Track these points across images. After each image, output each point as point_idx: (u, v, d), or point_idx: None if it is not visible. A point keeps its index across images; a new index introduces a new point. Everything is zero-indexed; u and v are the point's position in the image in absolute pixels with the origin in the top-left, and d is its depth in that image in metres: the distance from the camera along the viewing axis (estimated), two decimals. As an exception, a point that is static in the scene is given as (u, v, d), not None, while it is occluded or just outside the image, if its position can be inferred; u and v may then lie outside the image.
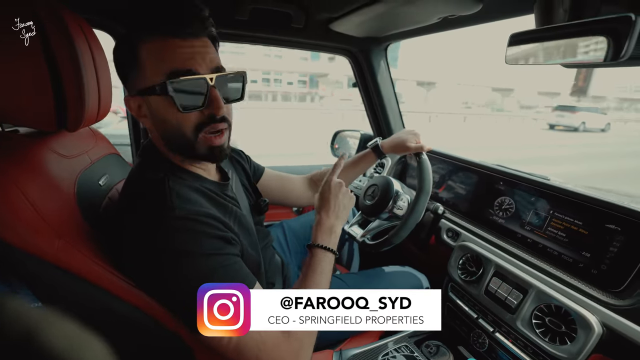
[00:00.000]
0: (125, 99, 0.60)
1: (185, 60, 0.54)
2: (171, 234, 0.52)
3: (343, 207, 0.76)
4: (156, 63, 0.54)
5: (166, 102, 0.55)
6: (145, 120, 0.61)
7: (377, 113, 1.50)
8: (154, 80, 0.54)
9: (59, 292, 0.54)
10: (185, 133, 0.57)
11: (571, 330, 0.66)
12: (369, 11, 0.90)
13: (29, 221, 0.50)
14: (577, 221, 0.77)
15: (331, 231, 0.73)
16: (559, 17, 0.65)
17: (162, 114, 0.57)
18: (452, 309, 0.96)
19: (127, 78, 0.59)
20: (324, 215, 0.74)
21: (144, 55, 0.55)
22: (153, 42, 0.54)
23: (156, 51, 0.54)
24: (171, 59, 0.54)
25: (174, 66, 0.53)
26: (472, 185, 1.08)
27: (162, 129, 0.59)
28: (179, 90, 0.53)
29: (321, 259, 0.68)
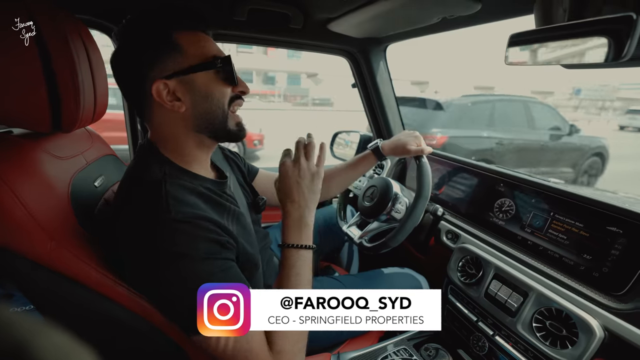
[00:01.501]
0: (156, 84, 0.57)
1: (219, 50, 0.64)
2: (167, 237, 0.51)
3: (307, 190, 0.66)
4: (198, 48, 0.60)
5: (213, 77, 0.61)
6: (176, 104, 0.59)
7: (376, 114, 1.49)
8: (200, 60, 0.60)
9: (51, 295, 0.53)
10: (225, 106, 0.63)
11: (572, 334, 0.65)
12: (367, 11, 0.89)
13: (21, 223, 0.50)
14: (578, 223, 0.76)
15: (301, 223, 0.65)
16: (559, 17, 0.65)
17: (207, 89, 0.61)
18: (452, 311, 0.95)
19: (158, 62, 0.58)
20: (290, 206, 0.66)
21: (184, 42, 0.59)
22: (191, 33, 0.61)
23: (196, 40, 0.61)
24: (211, 47, 0.63)
25: (215, 53, 0.62)
26: (472, 187, 1.07)
27: (202, 107, 0.61)
28: (224, 68, 0.61)
29: (295, 259, 0.63)
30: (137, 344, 0.60)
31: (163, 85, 0.58)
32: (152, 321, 0.57)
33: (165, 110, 0.60)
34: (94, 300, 0.54)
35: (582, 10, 0.59)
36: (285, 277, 0.62)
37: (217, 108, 0.62)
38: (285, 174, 0.67)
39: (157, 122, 0.62)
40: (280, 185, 0.68)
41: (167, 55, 0.58)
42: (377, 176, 1.28)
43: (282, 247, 0.65)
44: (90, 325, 0.57)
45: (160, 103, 0.58)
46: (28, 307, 1.12)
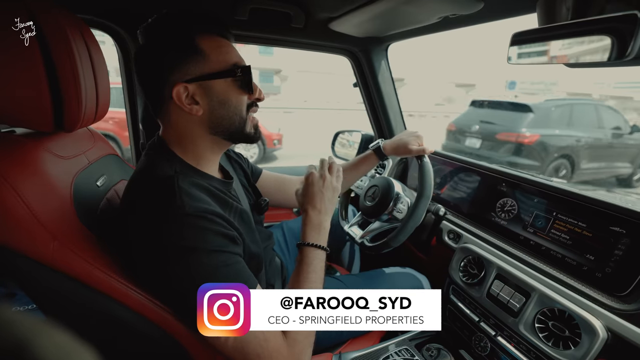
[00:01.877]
0: (177, 87, 0.59)
1: (240, 57, 0.65)
2: (179, 231, 0.52)
3: (328, 200, 0.74)
4: (219, 54, 0.62)
5: (231, 85, 0.63)
6: (193, 108, 0.61)
7: (378, 113, 1.49)
8: (220, 67, 0.61)
9: (54, 294, 0.53)
10: (242, 112, 0.65)
11: (575, 335, 0.65)
12: (368, 11, 0.89)
13: (24, 222, 0.50)
14: (580, 223, 0.75)
15: (320, 227, 0.71)
16: (562, 15, 0.64)
17: (225, 95, 0.63)
18: (454, 311, 0.95)
19: (178, 65, 0.59)
20: (311, 211, 0.73)
21: (206, 47, 0.60)
22: (213, 39, 0.62)
23: (218, 46, 0.62)
24: (232, 54, 0.64)
25: (236, 60, 0.63)
26: (474, 187, 1.07)
27: (220, 112, 0.63)
28: (243, 76, 0.63)
29: (312, 257, 0.68)
30: (139, 344, 0.60)
31: (183, 89, 0.59)
32: (155, 321, 0.57)
33: (182, 112, 0.61)
34: (97, 299, 0.54)
35: (586, 8, 0.58)
36: (303, 273, 0.65)
37: (233, 114, 0.64)
38: (311, 182, 0.75)
39: (174, 122, 0.64)
40: (304, 191, 0.75)
41: (190, 59, 0.59)
42: (378, 176, 1.28)
43: (301, 246, 0.69)
44: (92, 325, 0.57)
45: (179, 105, 0.60)
46: (30, 306, 1.13)
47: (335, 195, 0.77)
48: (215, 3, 0.98)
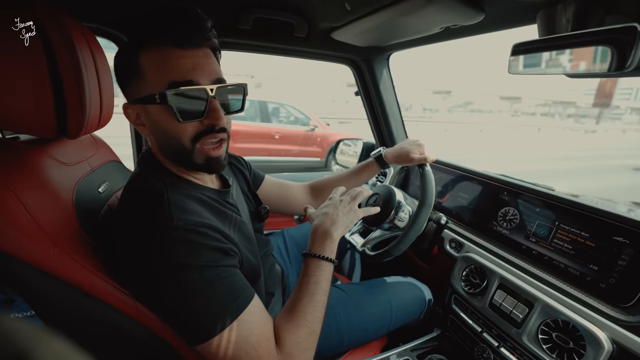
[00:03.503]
0: (123, 107, 0.60)
1: (186, 70, 0.54)
2: (169, 246, 0.51)
3: (343, 214, 0.73)
4: (157, 72, 0.54)
5: (165, 112, 0.55)
6: (143, 129, 0.61)
7: (379, 122, 1.50)
8: (153, 90, 0.54)
9: (53, 301, 0.53)
10: (183, 143, 0.57)
11: (579, 347, 0.64)
12: (370, 21, 0.90)
13: (25, 228, 0.50)
14: (583, 233, 0.75)
15: (325, 236, 0.69)
16: (561, 27, 0.65)
17: (161, 124, 0.57)
18: (456, 321, 0.94)
19: (127, 85, 0.59)
20: (319, 220, 0.72)
21: (145, 64, 0.54)
22: (155, 51, 0.54)
23: (158, 61, 0.54)
24: (172, 68, 0.54)
25: (175, 76, 0.53)
26: (476, 195, 1.06)
27: (160, 138, 0.60)
28: (179, 100, 0.53)
29: (315, 268, 0.65)
30: (137, 352, 0.59)
31: (131, 110, 0.59)
32: (153, 329, 0.56)
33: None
34: (96, 307, 0.54)
35: (586, 20, 0.59)
36: (305, 283, 0.64)
37: (173, 143, 0.58)
38: (329, 199, 0.79)
39: (148, 139, 0.64)
40: (319, 208, 0.77)
41: (131, 79, 0.57)
42: (380, 184, 1.28)
43: (306, 256, 0.68)
44: (91, 332, 0.57)
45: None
46: (29, 313, 1.12)
47: (351, 216, 0.75)
48: (218, 13, 0.99)
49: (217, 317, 0.51)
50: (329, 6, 0.92)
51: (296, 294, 0.63)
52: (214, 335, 0.50)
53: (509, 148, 11.99)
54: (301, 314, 0.60)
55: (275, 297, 0.86)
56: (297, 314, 0.60)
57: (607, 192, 6.15)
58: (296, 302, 0.62)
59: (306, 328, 0.59)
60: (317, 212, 0.76)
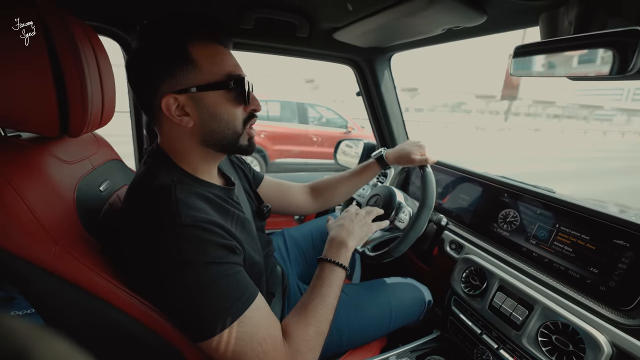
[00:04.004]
0: (166, 98, 0.57)
1: (235, 65, 0.62)
2: (175, 242, 0.51)
3: (358, 227, 0.82)
4: (213, 64, 0.59)
5: (222, 98, 0.60)
6: (184, 119, 0.59)
7: (380, 123, 1.50)
8: (212, 78, 0.58)
9: (53, 299, 0.53)
10: (236, 125, 0.63)
11: (579, 350, 0.64)
12: (372, 22, 0.90)
13: (26, 226, 0.50)
14: (584, 236, 0.75)
15: (341, 245, 0.76)
16: (564, 29, 0.65)
17: (218, 109, 0.60)
18: (455, 323, 0.94)
19: (173, 75, 0.57)
20: (337, 230, 0.79)
21: (198, 56, 0.57)
22: (207, 46, 0.59)
23: (211, 54, 0.59)
24: (226, 63, 0.61)
25: (230, 70, 0.60)
26: (476, 197, 1.06)
27: (211, 125, 0.61)
28: (236, 88, 0.60)
29: (330, 272, 0.70)
30: (138, 350, 0.59)
31: (173, 100, 0.58)
32: (154, 328, 0.56)
33: (172, 123, 0.60)
34: (96, 305, 0.54)
35: (588, 23, 0.59)
36: (319, 285, 0.68)
37: (225, 128, 0.62)
38: (346, 211, 0.87)
39: (166, 132, 0.63)
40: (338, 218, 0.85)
41: (180, 70, 0.57)
42: (380, 185, 1.28)
43: (320, 261, 0.73)
44: (91, 331, 0.57)
45: (169, 117, 0.59)
46: (30, 311, 1.12)
47: (365, 229, 0.83)
48: (221, 12, 0.99)
49: (223, 314, 0.51)
50: (331, 7, 0.92)
51: (309, 295, 0.66)
52: (218, 332, 0.51)
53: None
54: (312, 313, 0.62)
55: (275, 298, 0.86)
56: (309, 314, 0.62)
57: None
58: (309, 302, 0.65)
59: (315, 327, 0.61)
60: (335, 223, 0.84)
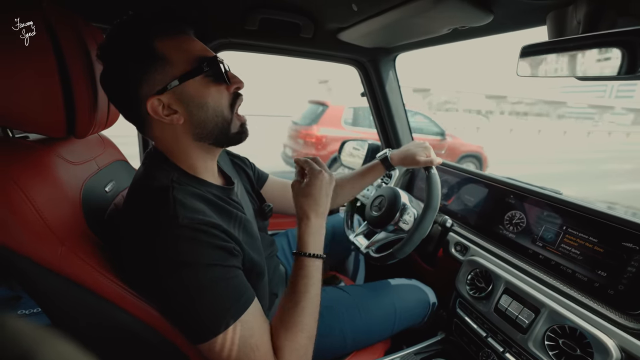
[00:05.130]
0: (150, 102, 0.56)
1: (203, 50, 0.60)
2: (173, 243, 0.51)
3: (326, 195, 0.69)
4: (183, 54, 0.57)
5: (202, 84, 0.58)
6: (176, 117, 0.58)
7: (385, 124, 1.49)
8: (186, 68, 0.57)
9: (59, 299, 0.54)
10: (224, 111, 0.61)
11: (587, 354, 0.63)
12: (377, 22, 0.90)
13: (33, 227, 0.50)
14: (592, 238, 0.74)
15: (319, 233, 0.68)
16: (572, 29, 0.64)
17: (202, 98, 0.58)
18: (460, 325, 0.93)
19: (147, 76, 0.56)
20: (314, 217, 0.67)
21: (166, 49, 0.56)
22: (172, 39, 0.57)
23: (177, 44, 0.57)
24: (194, 50, 0.59)
25: (200, 54, 0.58)
26: (482, 199, 1.05)
27: (200, 116, 0.59)
28: (212, 70, 0.58)
29: (312, 268, 0.64)
30: (143, 352, 0.60)
31: (157, 101, 0.56)
32: (158, 329, 0.57)
33: (163, 124, 0.59)
34: (101, 305, 0.54)
35: (597, 22, 0.58)
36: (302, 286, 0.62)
37: (214, 116, 0.60)
38: (320, 185, 0.68)
39: (158, 136, 0.62)
40: (308, 192, 0.68)
41: (154, 69, 0.55)
42: (385, 185, 1.28)
43: (298, 256, 0.65)
44: (96, 331, 0.57)
45: (158, 119, 0.57)
46: (36, 310, 1.13)
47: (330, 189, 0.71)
48: (226, 13, 0.99)
49: (220, 317, 0.51)
50: (336, 7, 0.92)
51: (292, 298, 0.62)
52: (216, 335, 0.51)
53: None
54: (300, 319, 0.59)
55: (278, 298, 0.86)
56: (297, 320, 0.59)
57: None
58: (294, 306, 0.60)
59: (306, 333, 0.59)
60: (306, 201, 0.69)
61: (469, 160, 5.69)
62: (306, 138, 4.58)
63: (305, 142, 4.61)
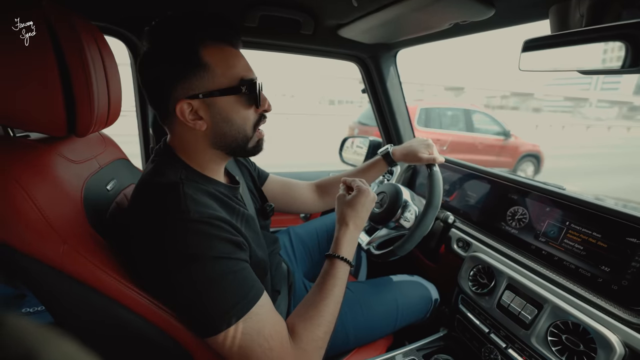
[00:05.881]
0: (180, 104, 0.57)
1: (248, 69, 0.62)
2: (182, 237, 0.52)
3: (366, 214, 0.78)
4: (227, 69, 0.59)
5: (235, 102, 0.60)
6: (198, 123, 0.59)
7: (386, 120, 1.49)
8: (225, 83, 0.58)
9: (62, 297, 0.54)
10: (247, 130, 0.64)
11: (590, 350, 0.63)
12: (377, 17, 0.89)
13: (35, 226, 0.50)
14: (595, 233, 0.73)
15: (353, 242, 0.74)
16: (575, 22, 0.63)
17: (230, 114, 0.61)
18: (462, 321, 0.93)
19: (185, 79, 0.57)
20: (353, 226, 0.75)
21: (211, 59, 0.57)
22: (218, 49, 0.58)
23: (224, 57, 0.59)
24: (238, 66, 0.60)
25: (243, 74, 0.60)
26: (484, 194, 1.05)
27: (223, 128, 0.62)
28: (249, 92, 0.61)
29: (342, 271, 0.69)
30: (145, 349, 0.60)
31: (187, 105, 0.58)
32: (161, 326, 0.57)
33: (186, 126, 0.60)
34: (104, 303, 0.54)
35: (601, 15, 0.57)
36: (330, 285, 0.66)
37: (236, 132, 0.63)
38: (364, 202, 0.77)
39: (178, 133, 0.63)
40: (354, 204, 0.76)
41: (193, 74, 0.57)
42: (386, 182, 1.27)
43: (331, 257, 0.71)
44: (99, 329, 0.57)
45: (182, 120, 0.59)
46: (40, 308, 1.14)
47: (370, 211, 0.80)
48: (225, 10, 0.99)
49: (230, 309, 0.52)
50: (336, 3, 0.91)
51: (319, 294, 0.65)
52: (225, 328, 0.51)
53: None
54: (322, 314, 0.62)
55: (281, 295, 0.86)
56: (319, 314, 0.62)
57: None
58: (319, 301, 0.64)
59: (325, 328, 0.61)
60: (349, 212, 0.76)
61: (528, 160, 5.71)
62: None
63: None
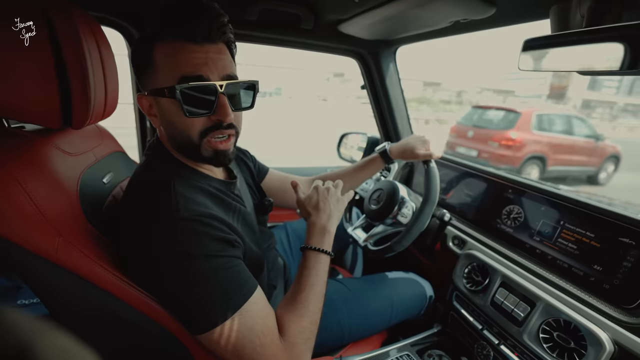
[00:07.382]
0: (137, 97, 0.61)
1: (197, 65, 0.54)
2: (173, 234, 0.51)
3: (334, 207, 0.76)
4: (169, 66, 0.55)
5: (175, 106, 0.55)
6: (154, 120, 0.62)
7: (385, 117, 1.48)
8: (164, 83, 0.55)
9: (57, 290, 0.54)
10: (191, 137, 0.58)
11: (580, 347, 0.64)
12: (378, 13, 0.89)
13: (30, 218, 0.50)
14: (588, 233, 0.74)
15: (324, 231, 0.72)
16: (576, 23, 0.63)
17: (170, 117, 0.58)
18: (456, 318, 0.94)
19: (141, 76, 0.60)
20: (315, 215, 0.73)
21: (158, 57, 0.56)
22: (169, 45, 0.55)
23: (170, 54, 0.55)
24: (183, 63, 0.54)
25: (185, 71, 0.54)
26: (480, 193, 1.06)
27: (170, 130, 0.61)
28: (188, 95, 0.54)
29: (315, 261, 0.67)
30: (140, 342, 0.60)
31: (144, 100, 0.59)
32: (157, 320, 0.57)
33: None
34: (99, 296, 0.54)
35: (602, 16, 0.57)
36: (306, 276, 0.65)
37: (181, 137, 0.58)
38: (314, 190, 0.78)
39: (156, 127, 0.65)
40: (308, 199, 0.77)
41: (143, 71, 0.58)
42: (384, 179, 1.28)
43: (304, 250, 0.69)
44: (94, 321, 0.57)
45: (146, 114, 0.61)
46: (35, 300, 1.14)
47: (339, 205, 0.77)
48: (224, 4, 0.98)
49: (221, 306, 0.52)
50: (337, -2, 0.90)
51: (297, 286, 0.65)
52: (218, 325, 0.51)
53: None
54: (304, 304, 0.62)
55: (277, 290, 0.87)
56: (300, 305, 0.61)
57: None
58: (298, 293, 0.63)
59: (309, 318, 0.61)
60: (309, 205, 0.76)
61: (612, 162, 6.07)
62: (501, 141, 5.26)
63: (500, 145, 5.27)
